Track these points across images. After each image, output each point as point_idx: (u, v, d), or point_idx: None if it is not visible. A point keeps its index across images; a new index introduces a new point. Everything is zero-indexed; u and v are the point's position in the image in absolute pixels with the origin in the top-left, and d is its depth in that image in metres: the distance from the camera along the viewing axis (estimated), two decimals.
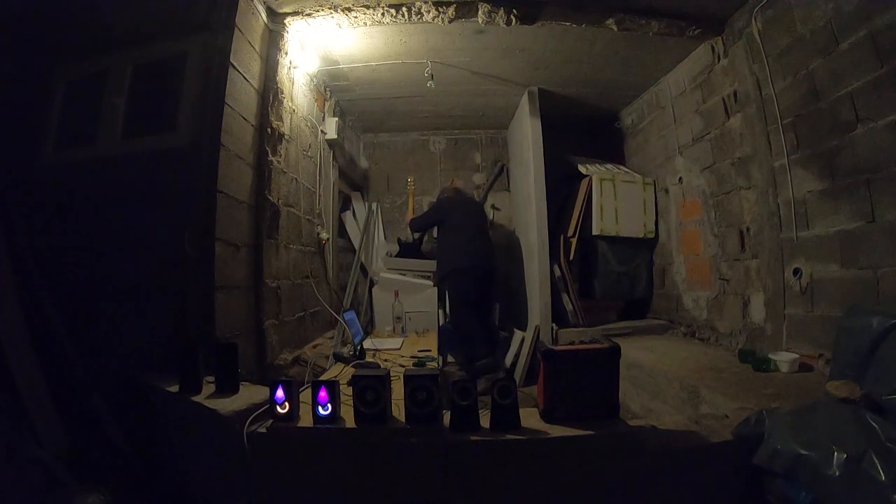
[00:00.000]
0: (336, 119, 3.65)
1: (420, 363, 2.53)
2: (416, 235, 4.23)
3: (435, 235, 4.02)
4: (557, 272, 3.82)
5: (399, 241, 4.45)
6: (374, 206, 4.72)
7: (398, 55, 3.18)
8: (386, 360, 2.52)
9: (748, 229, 2.87)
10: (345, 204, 4.53)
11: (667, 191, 3.83)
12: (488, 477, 1.45)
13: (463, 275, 3.49)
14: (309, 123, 3.30)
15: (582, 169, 4.05)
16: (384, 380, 1.48)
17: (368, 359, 2.44)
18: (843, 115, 2.12)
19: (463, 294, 3.52)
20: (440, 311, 3.95)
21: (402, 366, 2.39)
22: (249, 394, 1.71)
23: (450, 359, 3.79)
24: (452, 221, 3.68)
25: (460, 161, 5.08)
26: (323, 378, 2.03)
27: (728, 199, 3.06)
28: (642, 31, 2.83)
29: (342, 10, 2.59)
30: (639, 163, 4.28)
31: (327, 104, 3.73)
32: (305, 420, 1.52)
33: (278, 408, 1.50)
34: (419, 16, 2.60)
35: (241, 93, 2.32)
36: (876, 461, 1.22)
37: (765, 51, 2.56)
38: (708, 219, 3.29)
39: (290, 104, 2.87)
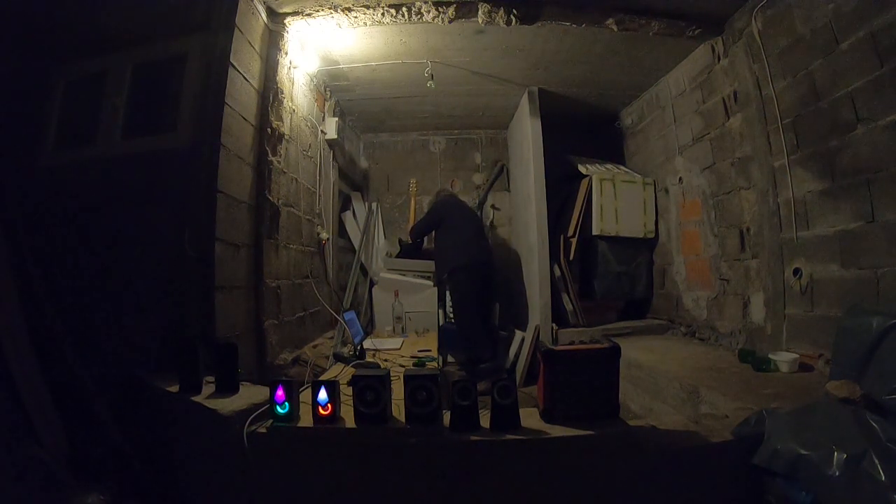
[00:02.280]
0: (336, 119, 3.65)
1: (420, 363, 2.53)
2: (418, 241, 4.23)
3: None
4: (557, 272, 3.82)
5: (399, 241, 4.46)
6: (374, 206, 4.72)
7: (398, 55, 3.17)
8: (386, 360, 2.52)
9: (748, 229, 2.87)
10: (345, 204, 4.53)
11: (667, 191, 3.82)
12: (488, 477, 1.45)
13: (463, 273, 3.49)
14: (309, 123, 3.30)
15: (582, 169, 4.04)
16: (384, 380, 1.48)
17: (368, 359, 2.44)
18: (843, 115, 2.12)
19: (465, 292, 3.52)
20: (440, 311, 3.95)
21: (402, 366, 2.39)
22: (249, 394, 1.71)
23: (450, 359, 3.79)
24: (450, 222, 3.69)
25: (460, 161, 5.08)
26: (323, 378, 2.03)
27: (728, 199, 3.05)
28: (642, 32, 2.83)
29: (342, 10, 2.59)
30: (639, 163, 4.28)
31: (327, 104, 3.73)
32: (305, 420, 1.52)
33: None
34: (419, 16, 2.60)
35: (241, 93, 2.32)
36: (876, 461, 1.22)
37: (765, 51, 2.56)
38: (708, 219, 3.29)
39: (290, 104, 2.87)
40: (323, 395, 1.48)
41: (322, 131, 3.55)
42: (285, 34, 2.66)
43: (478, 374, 3.27)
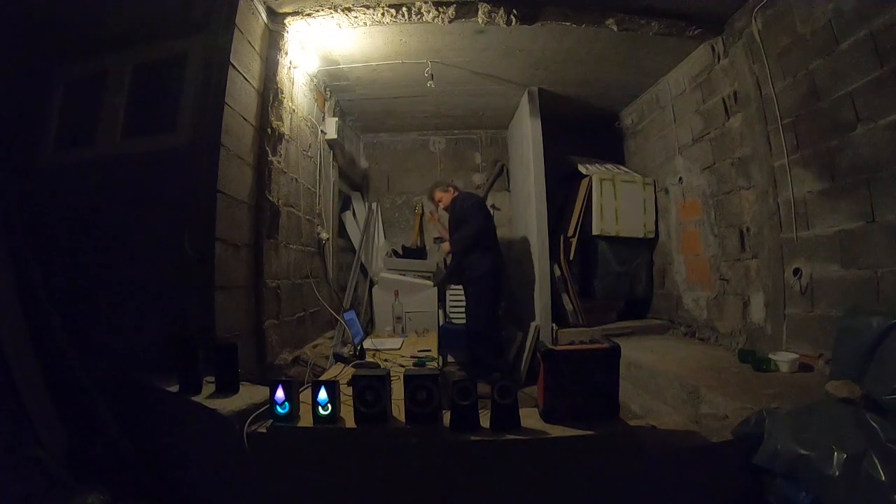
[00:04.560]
0: (336, 119, 3.65)
1: (420, 363, 2.53)
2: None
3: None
4: (557, 272, 3.82)
5: (403, 248, 4.48)
6: (374, 206, 4.73)
7: (398, 55, 3.17)
8: (386, 360, 2.51)
9: (748, 229, 2.87)
10: (345, 204, 4.53)
11: (667, 191, 3.83)
12: (488, 477, 1.45)
13: (497, 278, 3.51)
14: (309, 123, 3.30)
15: (582, 169, 4.04)
16: (384, 380, 1.48)
17: (368, 359, 2.44)
18: (843, 115, 2.12)
19: (496, 298, 3.52)
20: (440, 311, 3.95)
21: (402, 366, 2.38)
22: (249, 394, 1.71)
23: (450, 359, 3.79)
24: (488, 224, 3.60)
25: (460, 161, 5.08)
26: (323, 378, 2.03)
27: (728, 199, 3.06)
28: (642, 32, 2.83)
29: (342, 10, 2.59)
30: (639, 163, 4.28)
31: (327, 104, 3.73)
32: (305, 420, 1.52)
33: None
34: (419, 16, 2.60)
35: (241, 93, 2.32)
36: (876, 461, 1.23)
37: (765, 51, 2.56)
38: (708, 219, 3.29)
39: (290, 104, 2.87)
40: (323, 395, 1.48)
41: (322, 131, 3.55)
42: (285, 34, 2.66)
43: (479, 374, 3.27)
